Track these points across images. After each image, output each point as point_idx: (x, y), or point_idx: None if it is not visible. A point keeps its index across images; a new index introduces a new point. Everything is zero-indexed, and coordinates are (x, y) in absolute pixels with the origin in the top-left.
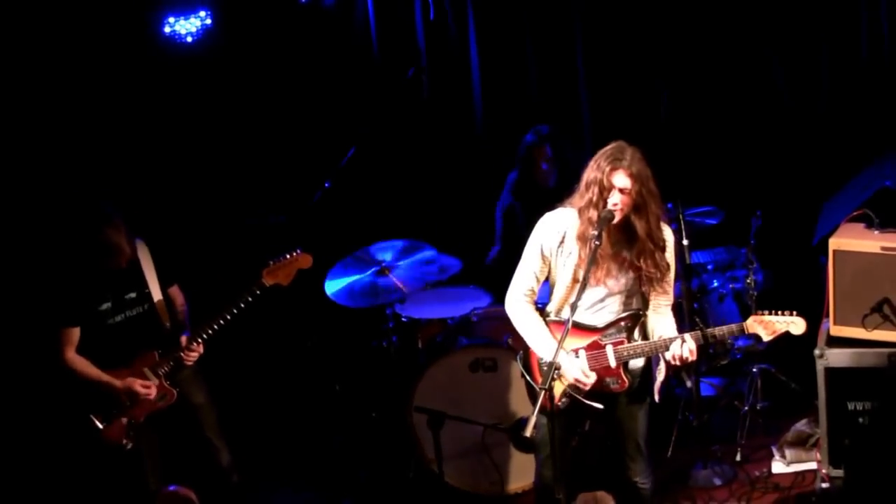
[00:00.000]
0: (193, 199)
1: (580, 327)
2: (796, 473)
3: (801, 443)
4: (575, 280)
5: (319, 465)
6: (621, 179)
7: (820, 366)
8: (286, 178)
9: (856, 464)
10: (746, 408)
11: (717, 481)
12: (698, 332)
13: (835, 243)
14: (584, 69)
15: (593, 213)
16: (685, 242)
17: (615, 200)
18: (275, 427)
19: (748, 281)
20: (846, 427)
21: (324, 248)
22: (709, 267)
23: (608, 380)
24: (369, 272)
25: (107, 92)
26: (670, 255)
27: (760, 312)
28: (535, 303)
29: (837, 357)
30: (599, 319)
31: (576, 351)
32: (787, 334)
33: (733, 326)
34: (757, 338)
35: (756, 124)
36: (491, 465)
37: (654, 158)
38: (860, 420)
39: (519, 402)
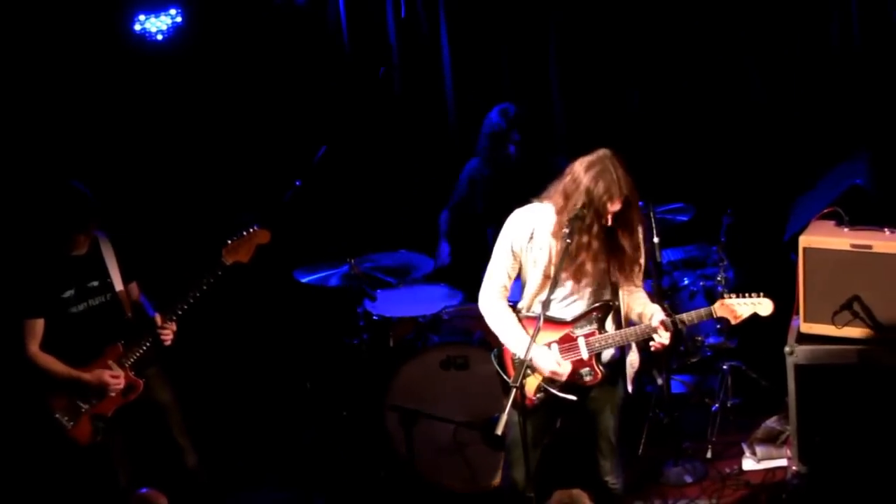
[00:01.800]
0: (163, 197)
1: (552, 321)
2: (767, 470)
3: (772, 440)
4: (546, 276)
5: (291, 463)
6: (616, 206)
7: (790, 363)
8: (258, 176)
9: (823, 460)
10: (717, 405)
11: (688, 478)
12: (668, 318)
13: (805, 241)
14: (556, 67)
15: (586, 237)
16: (656, 240)
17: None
18: (246, 426)
19: (719, 278)
20: (816, 424)
21: (295, 247)
22: (680, 264)
23: (582, 372)
24: (340, 269)
25: (77, 89)
26: (637, 240)
27: (728, 296)
28: (508, 300)
29: (807, 354)
30: (570, 312)
31: (548, 345)
32: (755, 316)
33: (701, 311)
34: (726, 321)
35: (727, 122)
36: (463, 462)
37: (626, 155)
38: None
39: (491, 400)
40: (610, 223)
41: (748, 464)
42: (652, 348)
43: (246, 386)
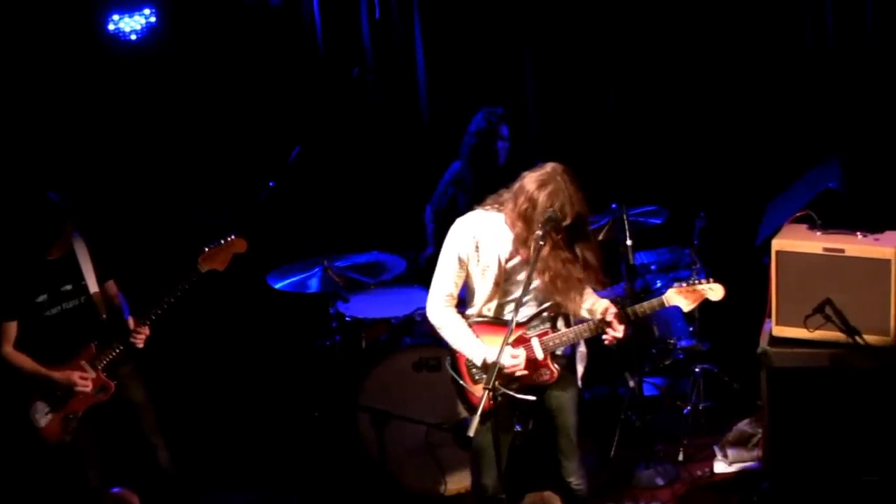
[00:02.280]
0: (137, 197)
1: (504, 324)
2: (738, 473)
3: (744, 442)
4: (496, 284)
5: (263, 464)
6: (569, 221)
7: (762, 366)
8: (232, 176)
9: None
10: (689, 408)
11: (660, 481)
12: (620, 311)
13: (778, 244)
14: (531, 69)
15: (527, 236)
16: (629, 243)
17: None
18: (218, 427)
19: (692, 281)
20: (788, 427)
21: (269, 247)
22: (652, 267)
23: (539, 371)
24: (314, 270)
25: (50, 89)
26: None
27: (679, 284)
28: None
29: (780, 357)
30: (522, 314)
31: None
32: (706, 301)
33: (654, 301)
34: (679, 309)
35: (701, 125)
36: (435, 464)
37: (600, 158)
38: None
39: None
40: (540, 228)
41: (720, 466)
42: (605, 342)
43: (218, 386)
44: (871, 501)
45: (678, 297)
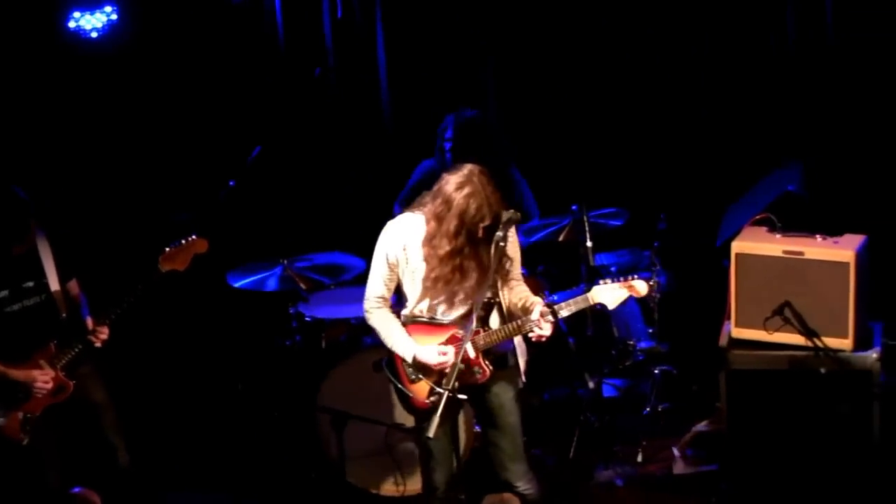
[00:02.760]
0: (98, 195)
1: (436, 324)
2: (697, 474)
3: (702, 444)
4: (425, 286)
5: (222, 464)
6: (487, 222)
7: (721, 367)
8: (193, 175)
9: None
10: (648, 409)
11: (619, 481)
12: (548, 309)
13: (737, 246)
14: (492, 68)
15: (447, 246)
16: (589, 244)
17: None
18: (177, 426)
19: (651, 283)
20: (747, 428)
21: (229, 246)
22: (612, 269)
23: (472, 370)
24: (274, 269)
25: (10, 86)
26: (512, 235)
27: (604, 281)
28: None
29: (739, 359)
30: (454, 313)
31: (441, 345)
32: (630, 297)
33: (578, 298)
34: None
35: (661, 127)
36: (394, 465)
37: (560, 159)
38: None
39: None
40: (482, 235)
41: (679, 467)
42: (533, 339)
43: (178, 386)
44: (827, 502)
45: (602, 295)
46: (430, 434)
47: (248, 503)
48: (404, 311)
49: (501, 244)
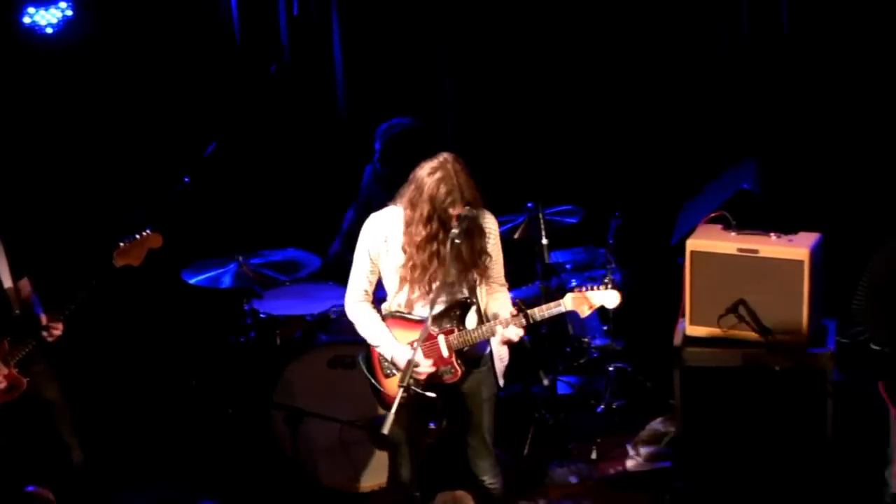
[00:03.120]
0: (52, 192)
1: (413, 320)
2: (651, 471)
3: (656, 441)
4: (403, 278)
5: (177, 462)
6: (459, 209)
7: (676, 365)
8: (148, 171)
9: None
10: (602, 406)
11: (573, 479)
12: (521, 314)
13: (692, 244)
14: (448, 65)
15: (422, 232)
16: (545, 242)
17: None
18: (131, 424)
19: (606, 281)
20: (701, 425)
21: (185, 243)
22: (567, 266)
23: (442, 369)
24: (229, 266)
25: None
26: (494, 237)
27: (578, 289)
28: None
29: (693, 356)
30: (433, 310)
31: (411, 343)
32: (602, 308)
33: (551, 305)
34: (576, 314)
35: (616, 126)
36: (348, 461)
37: (515, 156)
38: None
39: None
40: (456, 227)
41: (633, 465)
42: (500, 342)
43: (132, 383)
44: (779, 499)
45: (575, 303)
46: (385, 431)
47: (203, 500)
48: (384, 305)
49: (457, 241)
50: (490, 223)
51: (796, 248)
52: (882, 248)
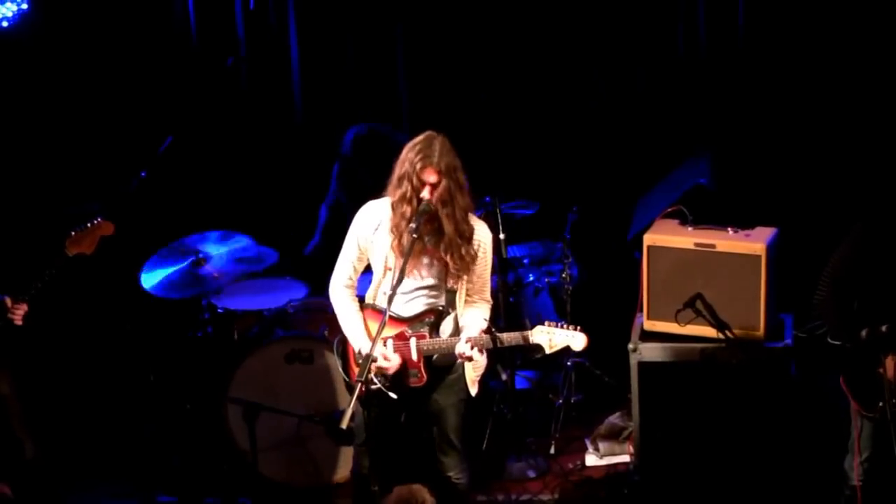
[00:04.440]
0: (7, 186)
1: (391, 317)
2: (609, 466)
3: (614, 436)
4: (386, 268)
5: (132, 456)
6: (430, 175)
7: (633, 360)
8: (103, 166)
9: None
10: (560, 401)
11: (531, 473)
12: (488, 335)
13: (649, 239)
14: (404, 61)
15: (406, 209)
16: (502, 236)
17: (425, 195)
18: (86, 418)
19: (563, 275)
20: (658, 420)
21: (140, 238)
22: (525, 261)
23: (410, 372)
24: (186, 262)
25: None
26: (483, 251)
27: (549, 323)
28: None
29: (650, 351)
30: (410, 310)
31: (384, 340)
32: (567, 349)
33: (517, 334)
34: (539, 348)
35: (572, 120)
36: (306, 456)
37: (472, 152)
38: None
39: (335, 394)
40: (432, 198)
41: (591, 459)
42: (458, 359)
43: (89, 378)
44: (738, 493)
45: (541, 337)
46: (343, 425)
47: (158, 496)
48: (367, 294)
49: (414, 235)
50: (481, 235)
51: (753, 243)
52: (843, 243)
